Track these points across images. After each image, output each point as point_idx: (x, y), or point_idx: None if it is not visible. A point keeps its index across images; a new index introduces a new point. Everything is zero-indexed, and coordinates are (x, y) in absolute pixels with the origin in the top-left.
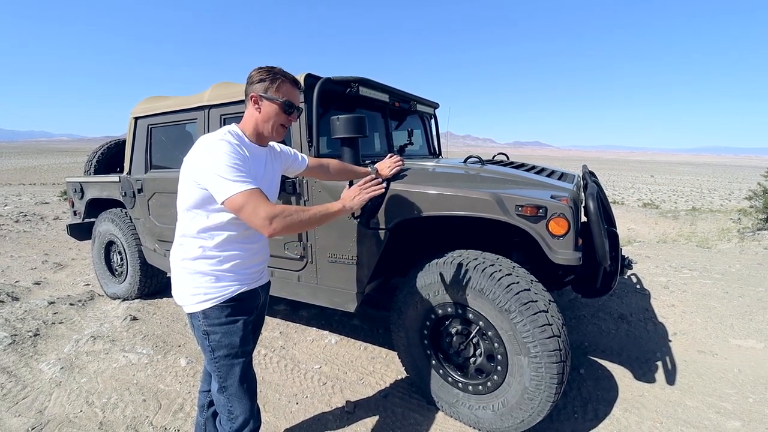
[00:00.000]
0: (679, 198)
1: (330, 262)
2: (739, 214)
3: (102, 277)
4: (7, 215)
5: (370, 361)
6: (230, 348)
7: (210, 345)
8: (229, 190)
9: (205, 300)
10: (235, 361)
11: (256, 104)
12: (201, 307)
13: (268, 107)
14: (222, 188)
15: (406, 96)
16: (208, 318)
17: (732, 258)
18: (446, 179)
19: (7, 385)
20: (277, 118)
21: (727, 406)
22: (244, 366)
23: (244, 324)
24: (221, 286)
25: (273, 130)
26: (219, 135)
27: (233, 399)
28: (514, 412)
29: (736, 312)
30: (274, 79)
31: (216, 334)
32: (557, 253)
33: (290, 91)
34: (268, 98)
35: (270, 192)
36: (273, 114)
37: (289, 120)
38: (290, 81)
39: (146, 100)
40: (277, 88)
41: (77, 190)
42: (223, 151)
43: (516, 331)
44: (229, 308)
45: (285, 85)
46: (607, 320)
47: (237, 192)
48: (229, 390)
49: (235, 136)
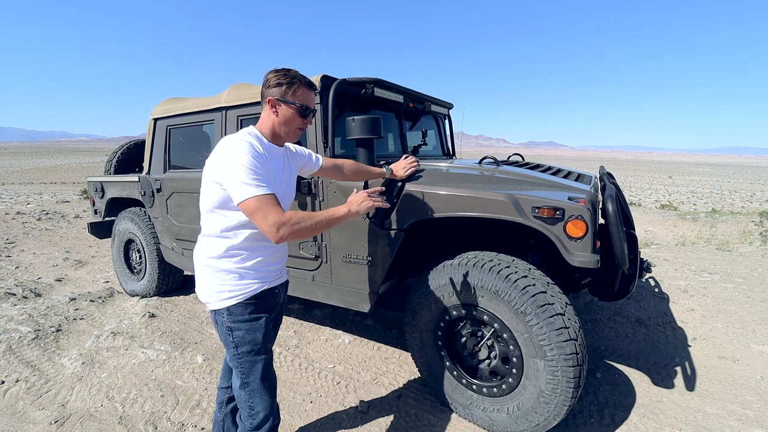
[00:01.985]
0: (699, 199)
1: (344, 262)
2: (761, 217)
3: (121, 274)
4: (29, 213)
5: (384, 361)
6: (253, 344)
7: (234, 341)
8: (245, 193)
9: (230, 297)
10: (257, 357)
11: (273, 108)
12: (225, 304)
13: (285, 111)
14: (238, 190)
15: (421, 97)
16: (233, 315)
17: (754, 261)
18: (461, 180)
19: (31, 378)
20: (294, 121)
21: (748, 413)
22: (266, 363)
23: (266, 321)
24: (245, 284)
25: (290, 133)
26: (240, 136)
27: (254, 395)
28: (530, 415)
29: (759, 317)
30: (291, 83)
31: (240, 331)
32: (574, 255)
33: (306, 95)
34: (285, 102)
35: (287, 191)
36: (290, 117)
37: (305, 123)
38: (306, 85)
39: (165, 101)
40: (293, 92)
41: (98, 190)
42: (242, 152)
43: (532, 334)
44: (252, 305)
45: (301, 88)
46: (625, 324)
47: (251, 196)
48: (250, 386)
49: (255, 137)
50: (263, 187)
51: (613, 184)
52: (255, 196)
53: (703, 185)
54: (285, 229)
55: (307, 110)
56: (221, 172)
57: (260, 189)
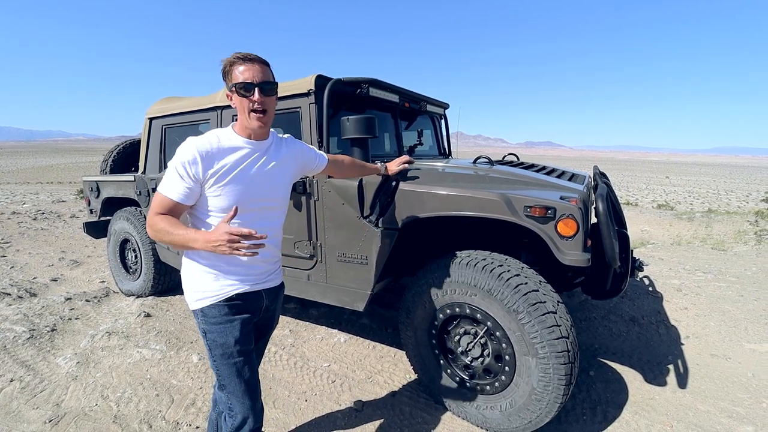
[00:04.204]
0: (695, 199)
1: (339, 262)
2: (756, 217)
3: (117, 274)
4: (25, 213)
5: (379, 359)
6: (225, 348)
7: (207, 343)
8: (160, 187)
9: (203, 298)
10: (230, 360)
11: (231, 100)
12: (200, 305)
13: (234, 99)
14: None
15: (416, 96)
16: (206, 316)
17: (748, 261)
18: (455, 180)
19: (26, 378)
20: (242, 103)
21: (739, 410)
22: (241, 366)
23: (242, 324)
24: (220, 285)
25: (247, 118)
26: (198, 136)
27: (232, 397)
28: (522, 412)
29: (751, 315)
30: (226, 70)
31: (212, 333)
32: (566, 254)
33: (241, 71)
34: (229, 89)
35: (260, 188)
36: (238, 102)
37: (254, 101)
38: (240, 60)
39: (160, 101)
40: (231, 76)
41: (93, 189)
42: (181, 154)
43: (524, 332)
44: (226, 307)
45: (234, 67)
46: (618, 322)
47: (159, 191)
48: (227, 388)
49: (217, 134)
50: (169, 189)
51: (605, 184)
52: (159, 192)
53: (700, 185)
54: (150, 230)
55: (243, 86)
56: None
57: (165, 189)
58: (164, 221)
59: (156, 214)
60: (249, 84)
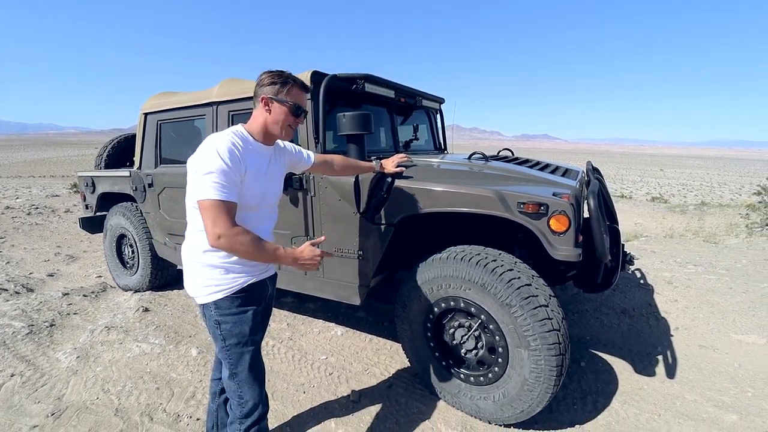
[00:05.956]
0: (689, 192)
1: (336, 257)
2: (747, 210)
3: (114, 269)
4: (19, 208)
5: (375, 352)
6: (240, 337)
7: (222, 334)
8: (206, 193)
9: (217, 291)
10: (245, 349)
11: (266, 106)
12: (213, 298)
13: (278, 109)
14: (201, 188)
15: (412, 92)
16: (220, 308)
17: (738, 253)
18: (450, 176)
19: (26, 373)
20: (286, 119)
21: (725, 399)
22: (254, 354)
23: (254, 314)
24: (231, 278)
25: (282, 131)
26: (223, 136)
27: (243, 385)
28: (514, 402)
29: (739, 308)
30: (285, 83)
31: (227, 324)
32: (557, 249)
33: (299, 94)
34: (279, 101)
35: (272, 188)
36: (282, 116)
37: (297, 122)
38: (299, 85)
39: (156, 96)
40: (287, 91)
41: (89, 184)
42: (218, 154)
43: (517, 325)
44: (239, 299)
45: (294, 88)
46: (610, 315)
47: (209, 198)
48: (239, 377)
49: (240, 136)
50: (224, 193)
51: (598, 180)
52: (212, 199)
53: (694, 178)
54: (225, 241)
55: (299, 109)
56: (197, 170)
57: (220, 194)
58: (247, 235)
59: (230, 226)
60: (303, 110)
